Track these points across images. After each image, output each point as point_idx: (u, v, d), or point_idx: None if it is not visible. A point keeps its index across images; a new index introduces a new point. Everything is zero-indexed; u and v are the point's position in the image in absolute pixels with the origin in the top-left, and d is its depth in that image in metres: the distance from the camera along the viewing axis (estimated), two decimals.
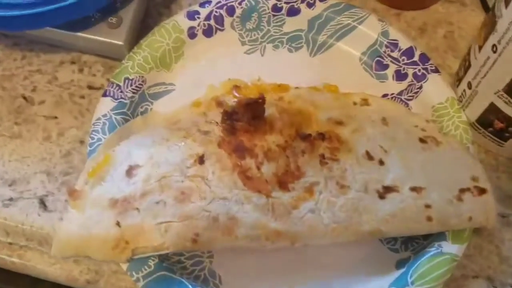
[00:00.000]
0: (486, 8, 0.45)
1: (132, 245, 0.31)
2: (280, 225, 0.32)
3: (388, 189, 0.33)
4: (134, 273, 0.32)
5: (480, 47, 0.34)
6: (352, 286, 0.34)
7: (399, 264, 0.34)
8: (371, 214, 0.33)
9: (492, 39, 0.32)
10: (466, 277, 0.34)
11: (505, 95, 0.33)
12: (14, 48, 0.42)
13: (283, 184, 0.34)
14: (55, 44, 0.41)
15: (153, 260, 0.33)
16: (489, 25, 0.33)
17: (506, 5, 0.31)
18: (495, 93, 0.34)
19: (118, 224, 0.31)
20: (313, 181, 0.34)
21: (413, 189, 0.33)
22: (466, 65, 0.37)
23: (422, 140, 0.36)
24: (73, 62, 0.41)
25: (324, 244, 0.33)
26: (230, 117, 0.36)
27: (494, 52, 0.32)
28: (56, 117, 0.39)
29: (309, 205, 0.33)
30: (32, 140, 0.38)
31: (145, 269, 0.32)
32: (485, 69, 0.34)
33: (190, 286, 0.32)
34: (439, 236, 0.33)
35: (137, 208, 0.32)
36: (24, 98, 0.40)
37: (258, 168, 0.34)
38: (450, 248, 0.33)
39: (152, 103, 0.39)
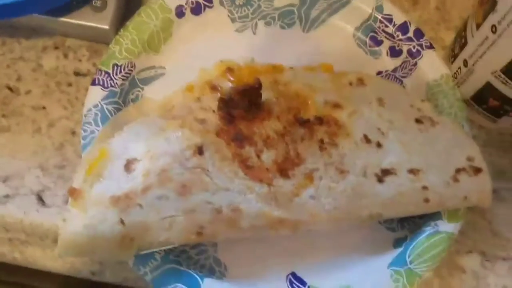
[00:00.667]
0: None
1: (138, 241, 0.31)
2: (283, 213, 0.33)
3: (386, 172, 0.34)
4: (141, 267, 0.32)
5: (478, 26, 0.34)
6: (353, 266, 0.35)
7: (397, 243, 0.35)
8: (371, 198, 0.33)
9: (492, 19, 0.32)
10: (460, 252, 0.36)
11: (502, 76, 0.33)
12: None
13: (283, 171, 0.34)
14: (37, 29, 0.39)
15: (159, 254, 0.33)
16: (489, 3, 0.32)
17: None
18: (492, 73, 0.34)
19: (122, 221, 0.31)
20: (313, 167, 0.34)
21: (411, 171, 0.34)
22: (462, 42, 0.37)
23: (418, 121, 0.36)
24: (56, 47, 0.39)
25: (325, 229, 0.34)
26: (227, 104, 0.35)
27: (494, 32, 0.32)
28: (44, 108, 0.37)
29: (310, 191, 0.33)
30: (22, 133, 0.37)
31: (152, 263, 0.32)
32: (483, 48, 0.34)
33: (197, 276, 0.33)
34: (435, 215, 0.34)
35: (140, 204, 0.31)
36: (9, 88, 0.38)
37: (258, 156, 0.34)
38: (446, 226, 0.34)
39: (142, 88, 0.38)
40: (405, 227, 0.36)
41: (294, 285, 0.34)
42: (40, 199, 0.35)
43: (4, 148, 0.36)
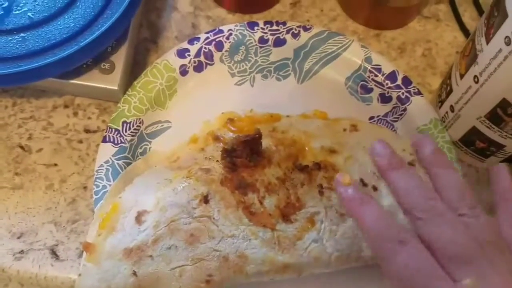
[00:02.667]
0: (458, 21, 0.48)
1: None
2: (287, 258, 0.34)
3: None
4: None
5: (462, 75, 0.37)
6: None
7: None
8: None
9: (474, 70, 0.35)
10: None
11: (487, 121, 0.35)
12: (4, 95, 0.42)
13: (285, 216, 0.36)
14: (46, 90, 0.41)
15: None
16: (470, 56, 0.35)
17: (487, 41, 0.33)
18: (477, 118, 0.36)
19: (134, 273, 0.32)
20: (313, 211, 0.36)
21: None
22: (447, 89, 0.39)
23: (410, 164, 0.38)
24: (66, 106, 0.42)
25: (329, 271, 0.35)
26: (229, 154, 0.37)
27: (476, 82, 0.35)
28: (56, 164, 0.39)
29: (312, 235, 0.35)
30: (35, 190, 0.38)
31: None
32: (467, 96, 0.36)
33: None
34: None
35: (151, 256, 0.33)
36: (21, 147, 0.40)
37: (261, 203, 0.36)
38: None
39: (150, 142, 0.40)
40: None
41: None
42: (54, 254, 0.36)
43: (18, 205, 0.38)
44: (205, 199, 0.35)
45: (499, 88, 0.33)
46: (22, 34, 0.39)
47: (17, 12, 0.39)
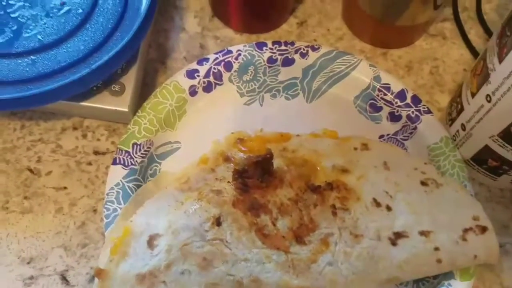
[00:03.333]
0: (464, 38, 0.48)
1: None
2: (302, 282, 0.34)
3: (398, 235, 0.35)
4: None
5: (473, 94, 0.37)
6: None
7: None
8: (386, 261, 0.34)
9: (486, 89, 0.35)
10: None
11: (500, 140, 0.35)
12: (12, 117, 0.42)
13: (299, 238, 0.35)
14: (55, 112, 0.41)
15: None
16: (482, 75, 0.35)
17: (500, 60, 0.33)
18: (489, 137, 0.36)
19: None
20: (327, 232, 0.35)
21: (422, 233, 0.35)
22: (458, 108, 0.39)
23: (423, 183, 0.38)
24: (75, 128, 0.41)
25: None
26: (241, 175, 0.37)
27: (489, 101, 0.35)
28: (65, 187, 0.39)
29: (326, 257, 0.35)
30: (45, 214, 0.38)
31: None
32: (479, 115, 0.36)
33: None
34: (448, 274, 0.35)
35: (164, 281, 0.33)
36: (30, 170, 0.39)
37: (274, 224, 0.36)
38: (459, 285, 0.35)
39: (160, 163, 0.40)
40: (420, 287, 0.37)
41: None
42: (64, 279, 0.36)
43: (27, 230, 0.37)
44: (217, 222, 0.35)
45: None
46: (32, 57, 0.39)
47: (27, 35, 0.39)
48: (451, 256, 0.35)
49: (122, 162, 0.38)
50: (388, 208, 0.37)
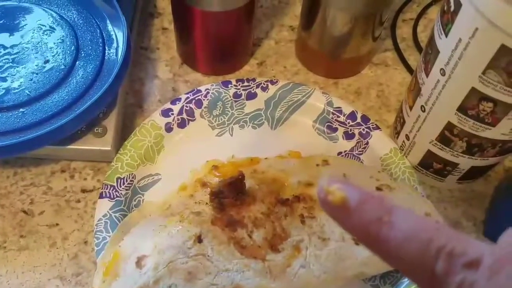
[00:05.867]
0: (405, 64, 0.55)
1: None
2: (279, 285, 0.37)
3: None
4: None
5: (411, 107, 0.43)
6: None
7: None
8: (352, 259, 0.39)
9: (420, 101, 0.41)
10: None
11: (438, 143, 0.41)
12: (5, 166, 0.45)
13: (273, 246, 0.39)
14: (45, 157, 0.45)
15: None
16: (415, 90, 0.41)
17: (427, 75, 0.39)
18: (430, 142, 0.42)
19: None
20: (298, 239, 0.39)
21: None
22: (401, 121, 0.45)
23: (378, 189, 0.43)
24: (63, 171, 0.45)
25: None
26: (217, 196, 0.41)
27: (423, 111, 0.40)
28: (57, 224, 0.42)
29: (299, 261, 0.38)
30: (40, 249, 0.41)
31: None
32: (418, 124, 0.42)
33: None
34: None
35: None
36: (24, 212, 0.43)
37: (250, 237, 0.39)
38: None
39: (143, 194, 0.44)
40: (387, 282, 0.41)
41: None
42: None
43: (24, 265, 0.40)
44: (199, 239, 0.39)
45: (443, 113, 0.39)
46: (21, 110, 0.43)
47: (15, 91, 0.44)
48: None
49: (108, 195, 0.42)
50: None
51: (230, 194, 0.41)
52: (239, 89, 0.48)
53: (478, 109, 0.36)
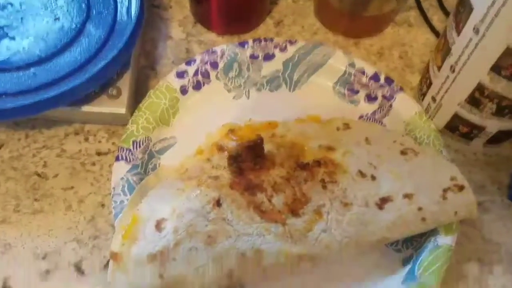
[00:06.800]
0: (429, 24, 0.52)
1: None
2: (300, 249, 0.37)
3: (384, 200, 0.39)
4: None
5: (439, 68, 0.41)
6: None
7: (405, 262, 0.39)
8: (375, 224, 0.38)
9: (449, 61, 0.39)
10: (461, 262, 0.40)
11: (467, 105, 0.39)
12: (16, 128, 0.44)
13: (294, 211, 0.38)
14: (57, 120, 0.44)
15: None
16: (444, 49, 0.39)
17: (458, 33, 0.37)
18: (458, 104, 0.40)
19: (161, 276, 0.34)
20: (319, 204, 0.38)
21: (405, 196, 0.39)
22: (427, 83, 0.43)
23: (403, 153, 0.41)
24: (77, 133, 0.44)
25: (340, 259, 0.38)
26: (235, 160, 0.40)
27: (453, 72, 0.38)
28: (73, 187, 0.42)
29: (321, 226, 0.37)
30: (55, 212, 0.40)
31: None
32: (446, 85, 0.40)
33: None
34: (433, 231, 0.39)
35: (174, 258, 0.35)
36: (38, 174, 0.42)
37: (270, 201, 0.38)
38: (444, 240, 0.38)
39: (159, 158, 0.43)
40: (409, 246, 0.40)
41: None
42: (79, 270, 0.38)
43: (40, 228, 0.40)
44: (218, 203, 0.38)
45: (474, 73, 0.37)
46: (32, 70, 0.42)
47: (26, 50, 0.42)
48: (434, 214, 0.38)
49: (124, 158, 0.41)
50: (373, 178, 0.40)
51: (249, 158, 0.40)
52: (256, 50, 0.46)
53: None
